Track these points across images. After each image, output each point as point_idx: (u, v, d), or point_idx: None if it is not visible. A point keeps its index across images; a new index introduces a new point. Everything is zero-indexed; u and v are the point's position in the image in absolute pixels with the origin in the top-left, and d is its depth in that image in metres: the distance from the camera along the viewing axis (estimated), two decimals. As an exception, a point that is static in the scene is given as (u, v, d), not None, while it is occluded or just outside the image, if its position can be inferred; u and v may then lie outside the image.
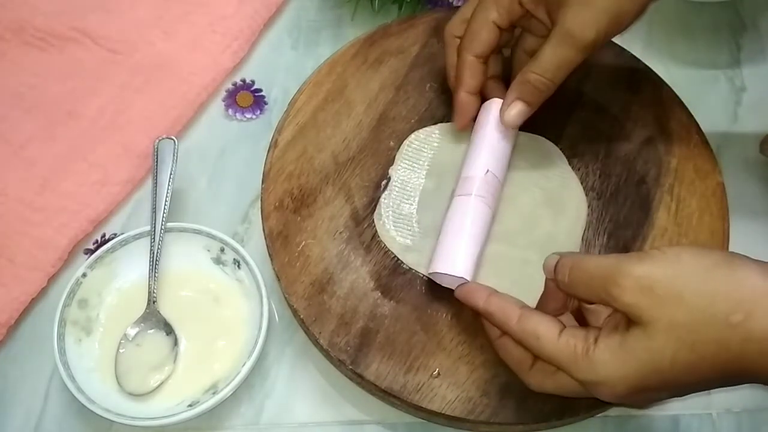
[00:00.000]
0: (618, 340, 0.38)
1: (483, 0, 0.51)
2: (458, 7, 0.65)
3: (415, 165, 0.56)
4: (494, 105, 0.54)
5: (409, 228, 0.53)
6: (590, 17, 0.46)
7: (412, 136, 0.57)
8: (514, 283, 0.51)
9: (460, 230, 0.50)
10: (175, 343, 0.52)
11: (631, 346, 0.38)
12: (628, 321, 0.38)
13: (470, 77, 0.52)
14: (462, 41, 0.52)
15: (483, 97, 0.54)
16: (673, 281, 0.37)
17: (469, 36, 0.51)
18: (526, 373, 0.43)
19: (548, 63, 0.48)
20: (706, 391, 0.49)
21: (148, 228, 0.54)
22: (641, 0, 0.47)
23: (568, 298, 0.44)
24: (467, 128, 0.54)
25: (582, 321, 0.44)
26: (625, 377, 0.38)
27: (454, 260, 0.49)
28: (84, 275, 0.53)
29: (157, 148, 0.57)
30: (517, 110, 0.51)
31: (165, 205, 0.54)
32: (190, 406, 0.49)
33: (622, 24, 0.48)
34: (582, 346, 0.39)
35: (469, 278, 0.48)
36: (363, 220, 0.53)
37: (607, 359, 0.38)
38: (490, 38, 0.51)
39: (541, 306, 0.45)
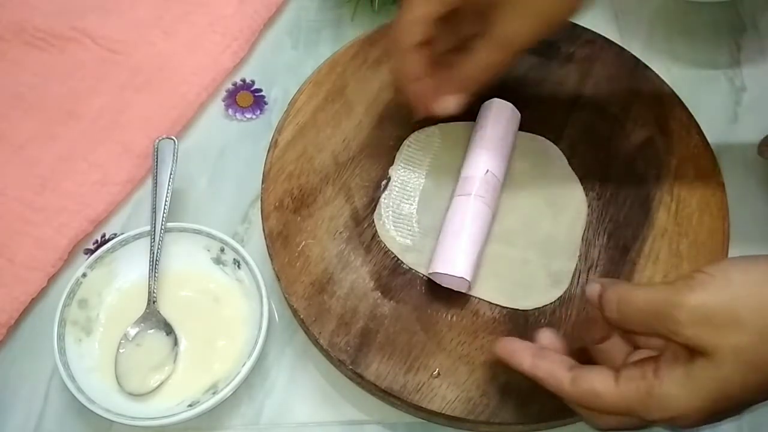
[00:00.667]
0: (683, 372, 0.37)
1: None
2: (458, 7, 0.65)
3: (415, 165, 0.56)
4: (494, 105, 0.55)
5: (409, 228, 0.53)
6: (525, 23, 0.47)
7: (412, 136, 0.57)
8: (514, 283, 0.51)
9: (459, 230, 0.50)
10: (175, 343, 0.52)
11: (698, 376, 0.37)
12: (689, 351, 0.37)
13: (411, 63, 0.50)
14: (393, 36, 0.50)
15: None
16: (730, 306, 0.36)
17: (407, 21, 0.49)
18: (595, 417, 0.41)
19: (483, 63, 0.49)
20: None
21: (148, 228, 0.54)
22: (572, 5, 0.47)
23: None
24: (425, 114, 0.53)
25: (627, 338, 0.43)
26: (699, 409, 0.37)
27: (454, 260, 0.49)
28: (84, 275, 0.53)
29: (157, 148, 0.57)
30: (452, 104, 0.51)
31: (165, 205, 0.54)
32: (190, 406, 0.49)
33: (552, 27, 0.48)
34: (644, 386, 0.38)
35: (468, 278, 0.48)
36: (363, 220, 0.53)
37: (676, 394, 0.37)
38: (426, 28, 0.49)
39: (587, 333, 0.43)
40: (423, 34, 0.49)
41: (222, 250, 0.54)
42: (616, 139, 0.57)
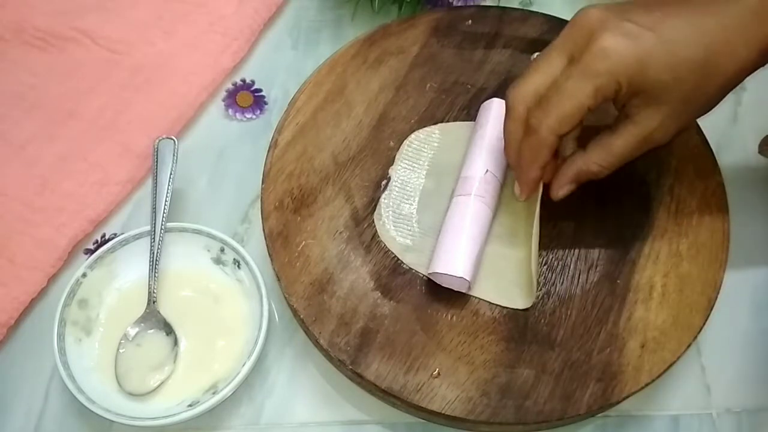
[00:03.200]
0: None
1: (578, 80, 0.44)
2: (458, 7, 0.65)
3: (415, 165, 0.56)
4: (495, 105, 0.54)
5: (409, 228, 0.53)
6: (674, 127, 0.45)
7: (412, 136, 0.57)
8: (513, 284, 0.51)
9: (459, 230, 0.50)
10: (175, 343, 0.52)
11: None
12: None
13: (548, 156, 0.47)
14: (543, 118, 0.45)
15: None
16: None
17: (556, 115, 0.45)
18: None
19: (617, 158, 0.47)
20: (706, 387, 0.49)
21: (148, 228, 0.54)
22: (716, 104, 0.46)
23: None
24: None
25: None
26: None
27: (453, 260, 0.49)
28: (84, 275, 0.53)
29: (157, 148, 0.57)
30: (569, 190, 0.49)
31: (165, 205, 0.54)
32: (190, 406, 0.49)
33: (691, 123, 0.47)
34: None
35: (469, 278, 0.48)
36: (363, 220, 0.53)
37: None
38: (579, 121, 0.45)
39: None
40: (573, 127, 0.45)
41: (222, 250, 0.54)
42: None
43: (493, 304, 0.50)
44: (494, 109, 0.55)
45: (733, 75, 0.44)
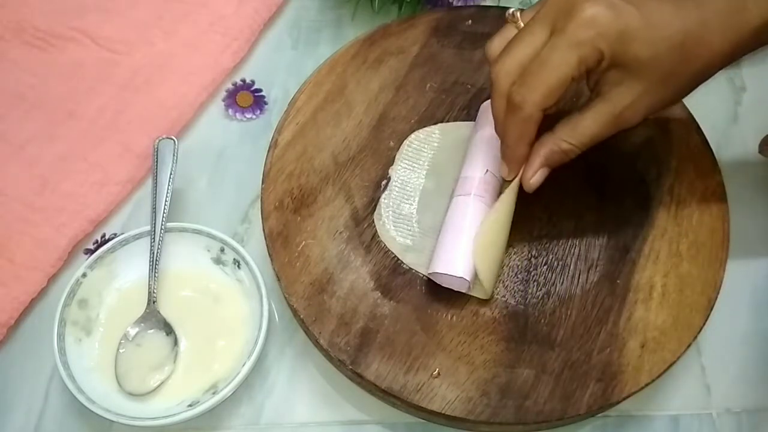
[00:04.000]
0: None
1: (562, 49, 0.43)
2: (458, 7, 0.65)
3: (415, 165, 0.56)
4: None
5: (409, 228, 0.53)
6: (646, 106, 0.45)
7: (412, 136, 0.57)
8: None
9: (459, 230, 0.50)
10: (175, 343, 0.52)
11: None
12: None
13: (534, 131, 0.46)
14: (526, 93, 0.44)
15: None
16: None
17: (540, 88, 0.44)
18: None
19: (587, 137, 0.46)
20: (706, 387, 0.49)
21: (148, 228, 0.54)
22: (686, 93, 0.46)
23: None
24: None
25: None
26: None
27: (454, 260, 0.49)
28: (84, 275, 0.53)
29: (157, 148, 0.57)
30: (543, 176, 0.48)
31: (165, 205, 0.54)
32: (190, 406, 0.49)
33: (658, 113, 0.47)
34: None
35: (468, 278, 0.48)
36: (363, 220, 0.53)
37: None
38: (563, 92, 0.44)
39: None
40: (558, 98, 0.45)
41: (222, 250, 0.54)
42: (616, 139, 0.56)
43: (493, 304, 0.50)
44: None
45: (707, 63, 0.44)
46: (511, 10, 0.48)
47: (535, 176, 0.48)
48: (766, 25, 0.43)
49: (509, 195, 0.49)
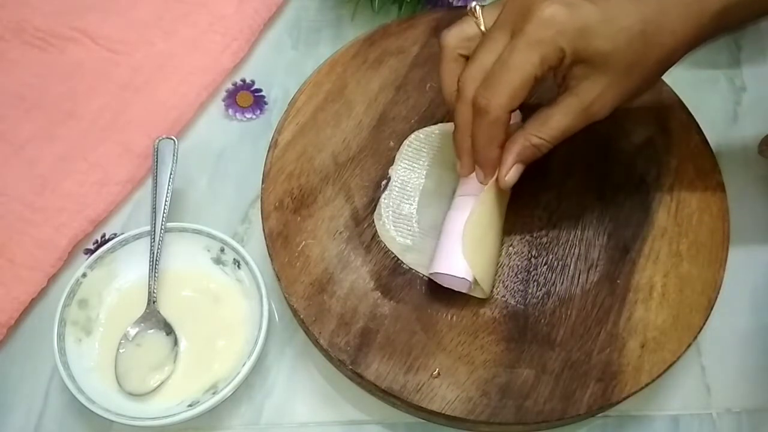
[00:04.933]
0: None
1: (523, 51, 0.44)
2: (458, 7, 0.65)
3: (415, 165, 0.56)
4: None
5: (409, 228, 0.53)
6: (613, 97, 0.45)
7: (412, 136, 0.57)
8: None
9: (460, 231, 0.50)
10: (175, 343, 0.52)
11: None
12: None
13: (503, 133, 0.46)
14: (490, 96, 0.44)
15: None
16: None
17: (505, 90, 0.44)
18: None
19: (557, 131, 0.46)
20: (706, 387, 0.49)
21: (148, 228, 0.54)
22: (656, 83, 0.48)
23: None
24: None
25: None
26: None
27: (455, 261, 0.49)
28: (84, 275, 0.53)
29: (157, 148, 0.57)
30: (518, 172, 0.48)
31: (165, 205, 0.54)
32: (190, 406, 0.49)
33: (628, 103, 0.47)
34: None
35: (470, 279, 0.48)
36: (363, 220, 0.53)
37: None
38: (527, 93, 0.45)
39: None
40: (524, 99, 0.45)
41: (222, 250, 0.54)
42: (616, 139, 0.57)
43: (493, 304, 0.50)
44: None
45: (670, 50, 0.45)
46: (473, 4, 0.49)
47: (509, 173, 0.48)
48: (725, 9, 0.44)
49: (487, 194, 0.49)
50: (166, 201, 0.54)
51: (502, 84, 0.44)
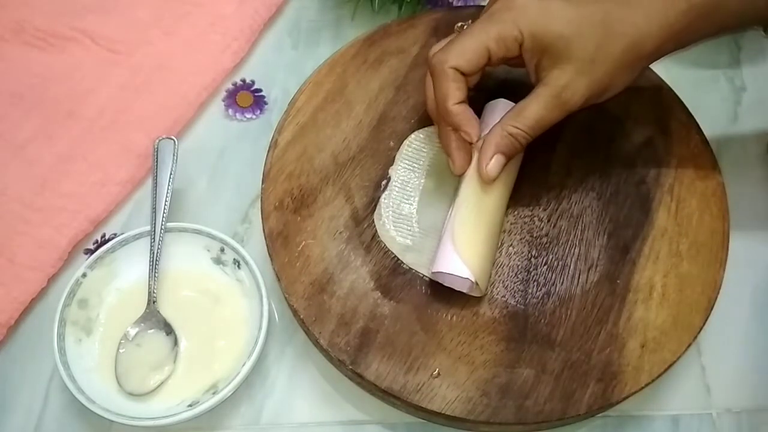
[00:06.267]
0: None
1: (484, 23, 0.48)
2: (458, 7, 0.65)
3: (415, 165, 0.56)
4: (500, 105, 0.54)
5: (409, 228, 0.53)
6: (583, 86, 0.47)
7: (412, 136, 0.57)
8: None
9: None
10: (175, 343, 0.52)
11: None
12: None
13: (456, 89, 0.48)
14: (443, 54, 0.48)
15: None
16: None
17: (458, 49, 0.48)
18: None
19: (532, 120, 0.48)
20: (706, 387, 0.49)
21: (148, 228, 0.54)
22: (629, 78, 0.48)
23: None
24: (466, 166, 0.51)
25: None
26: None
27: (458, 260, 0.48)
28: (84, 275, 0.53)
29: (157, 148, 0.57)
30: (498, 164, 0.49)
31: (165, 205, 0.54)
32: (190, 406, 0.49)
33: (605, 95, 0.49)
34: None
35: (472, 279, 0.48)
36: (363, 220, 0.53)
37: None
38: (480, 62, 0.48)
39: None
40: (474, 66, 0.48)
41: (222, 250, 0.54)
42: (616, 139, 0.57)
43: (493, 304, 0.50)
44: (499, 110, 0.54)
45: (633, 42, 0.46)
46: (460, 23, 0.53)
47: (490, 164, 0.49)
48: (693, 8, 0.45)
49: (468, 191, 0.50)
50: (166, 201, 0.54)
51: (454, 45, 0.48)
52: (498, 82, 0.59)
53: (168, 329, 0.52)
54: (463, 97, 0.49)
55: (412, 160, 0.56)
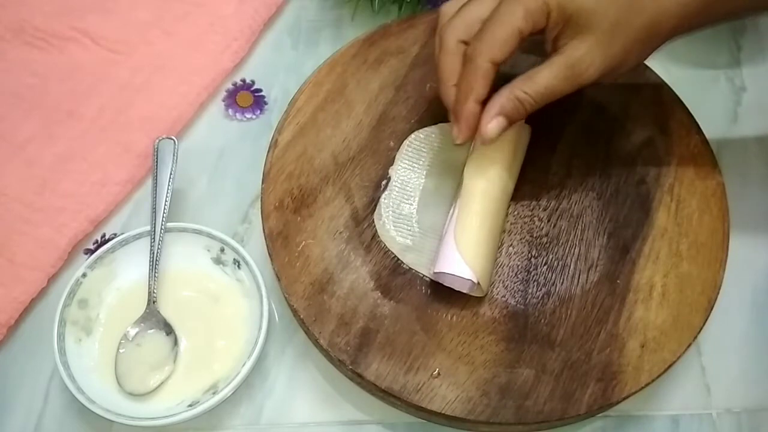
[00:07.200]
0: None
1: (509, 5, 0.47)
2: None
3: (415, 165, 0.56)
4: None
5: (409, 228, 0.53)
6: (599, 59, 0.46)
7: (412, 136, 0.57)
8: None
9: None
10: (175, 343, 0.52)
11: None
12: None
13: (484, 86, 0.47)
14: (477, 45, 0.47)
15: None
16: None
17: (490, 41, 0.46)
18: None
19: (543, 87, 0.47)
20: (706, 387, 0.49)
21: (148, 228, 0.54)
22: (643, 56, 0.48)
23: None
24: (469, 141, 0.50)
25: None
26: None
27: (460, 261, 0.48)
28: (84, 275, 0.53)
29: (157, 148, 0.57)
30: (498, 125, 0.48)
31: (165, 205, 0.54)
32: (190, 406, 0.49)
33: (617, 71, 0.48)
34: None
35: (474, 279, 0.48)
36: (363, 220, 0.53)
37: None
38: (513, 47, 0.47)
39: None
40: (508, 53, 0.47)
41: (222, 250, 0.54)
42: (616, 139, 0.57)
43: (493, 304, 0.50)
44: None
45: (654, 18, 0.46)
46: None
47: (491, 123, 0.48)
48: None
49: (470, 191, 0.50)
50: (166, 201, 0.54)
51: (488, 35, 0.47)
52: (502, 75, 0.59)
53: (168, 329, 0.52)
54: (486, 94, 0.48)
55: (412, 160, 0.56)
